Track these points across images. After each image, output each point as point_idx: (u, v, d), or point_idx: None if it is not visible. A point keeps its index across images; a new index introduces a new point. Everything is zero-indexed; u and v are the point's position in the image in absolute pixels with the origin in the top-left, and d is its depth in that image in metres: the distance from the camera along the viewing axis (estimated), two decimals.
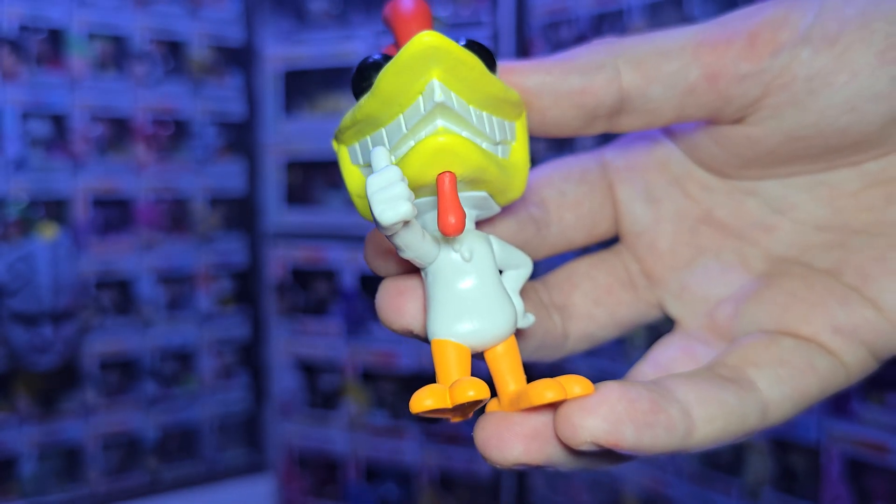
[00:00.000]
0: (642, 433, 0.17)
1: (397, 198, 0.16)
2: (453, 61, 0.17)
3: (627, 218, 0.24)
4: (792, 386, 0.20)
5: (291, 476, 1.25)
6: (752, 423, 0.19)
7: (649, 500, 0.98)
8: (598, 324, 0.24)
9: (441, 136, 0.17)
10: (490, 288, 0.18)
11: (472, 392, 0.16)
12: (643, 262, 0.24)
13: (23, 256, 0.95)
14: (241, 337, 1.26)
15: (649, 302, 0.24)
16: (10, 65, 1.03)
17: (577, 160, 0.25)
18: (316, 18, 1.21)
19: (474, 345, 0.18)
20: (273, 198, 1.23)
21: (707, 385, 0.19)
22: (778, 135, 0.21)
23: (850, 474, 0.77)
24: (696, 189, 0.23)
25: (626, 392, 0.17)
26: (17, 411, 1.06)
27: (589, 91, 0.20)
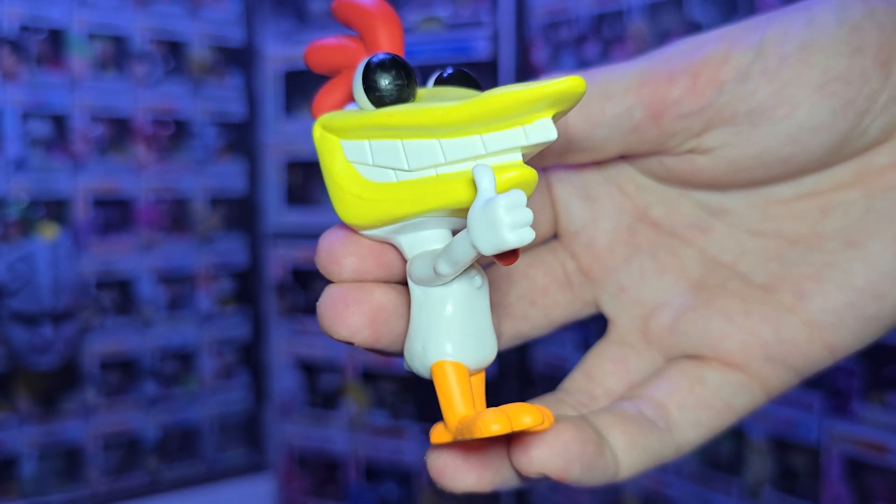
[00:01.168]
0: (585, 472, 0.19)
1: (526, 222, 0.15)
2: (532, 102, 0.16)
3: (565, 216, 0.24)
4: (708, 426, 0.22)
5: (292, 476, 1.25)
6: (667, 457, 0.21)
7: (649, 500, 0.98)
8: (532, 324, 0.24)
9: (526, 168, 0.17)
10: (487, 312, 0.19)
11: (528, 419, 0.17)
12: (580, 259, 0.24)
13: (23, 256, 0.95)
14: (242, 337, 1.26)
15: (585, 300, 0.25)
16: (11, 65, 1.03)
17: None
18: (316, 18, 1.21)
19: (474, 366, 0.19)
20: (273, 198, 1.23)
21: (636, 430, 0.21)
22: (721, 165, 0.21)
23: (850, 474, 0.77)
24: (631, 188, 0.24)
25: (580, 433, 0.19)
26: (17, 411, 1.06)
27: None
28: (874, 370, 0.76)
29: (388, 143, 0.19)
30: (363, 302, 0.20)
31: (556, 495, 1.10)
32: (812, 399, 0.80)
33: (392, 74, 0.19)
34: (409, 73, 0.19)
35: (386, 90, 0.19)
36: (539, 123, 0.17)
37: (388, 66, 0.19)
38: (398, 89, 0.18)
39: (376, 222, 0.19)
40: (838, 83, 0.19)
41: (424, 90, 0.20)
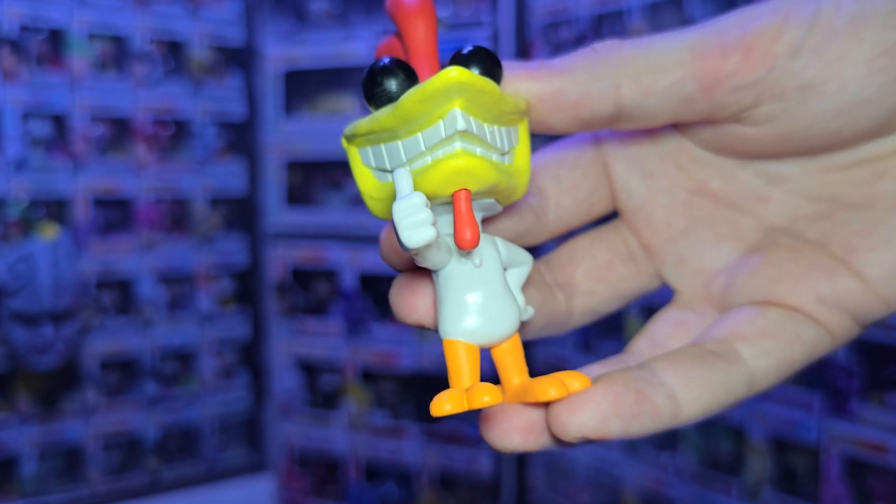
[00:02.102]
0: (628, 424, 0.19)
1: (422, 224, 0.17)
2: (475, 92, 0.18)
3: (623, 194, 0.25)
4: (778, 356, 0.21)
5: (292, 476, 1.25)
6: (739, 393, 0.20)
7: (649, 500, 0.98)
8: (600, 298, 0.25)
9: (459, 159, 0.18)
10: (497, 290, 0.20)
11: (487, 398, 0.18)
12: (641, 235, 0.25)
13: (23, 256, 0.95)
14: (242, 337, 1.26)
15: (649, 273, 0.25)
16: (11, 65, 1.03)
17: (570, 144, 0.26)
18: (316, 19, 1.21)
19: (482, 343, 0.20)
20: (273, 198, 1.24)
21: (692, 365, 0.20)
22: (771, 136, 0.21)
23: (849, 474, 0.77)
24: (688, 162, 0.24)
25: (611, 388, 0.19)
26: (17, 411, 1.06)
27: (585, 104, 0.21)
28: (874, 370, 0.77)
29: (377, 147, 0.20)
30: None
31: (556, 495, 1.10)
32: (812, 399, 0.80)
33: (378, 81, 0.20)
34: (394, 77, 0.20)
35: (375, 96, 0.20)
36: (450, 115, 0.18)
37: (376, 72, 0.20)
38: (386, 95, 0.20)
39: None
40: (887, 57, 0.19)
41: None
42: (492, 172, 0.19)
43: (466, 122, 0.19)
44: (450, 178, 0.18)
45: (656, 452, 0.97)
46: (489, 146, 0.20)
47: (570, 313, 0.25)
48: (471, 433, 1.14)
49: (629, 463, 0.99)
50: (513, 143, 0.21)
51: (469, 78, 0.18)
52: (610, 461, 1.02)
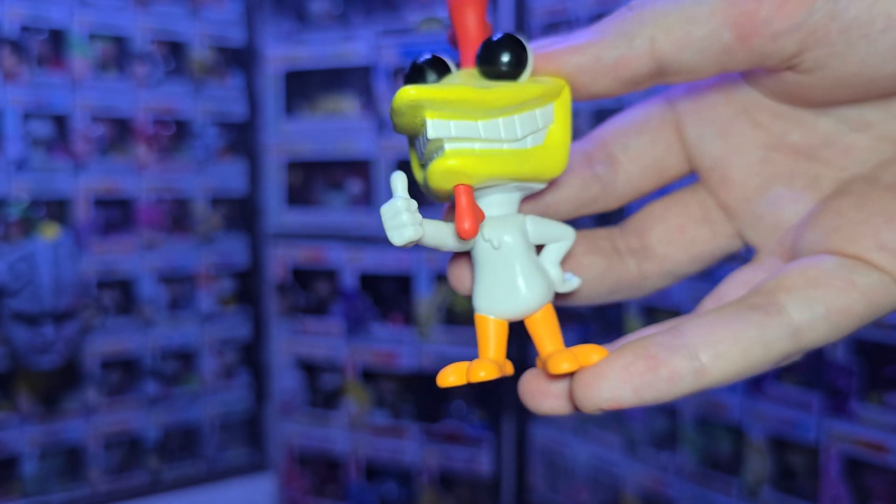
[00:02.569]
0: (642, 391, 0.19)
1: (401, 225, 0.19)
2: (440, 102, 0.19)
3: (697, 155, 0.25)
4: (827, 305, 0.20)
5: (292, 475, 1.25)
6: (779, 347, 0.19)
7: (649, 500, 0.98)
8: (675, 262, 0.25)
9: (450, 159, 0.20)
10: (516, 270, 0.21)
11: (483, 373, 0.20)
12: (717, 195, 0.25)
13: (24, 256, 0.95)
14: (242, 337, 1.26)
15: (728, 234, 0.25)
16: (12, 65, 1.04)
17: (640, 109, 0.26)
18: (317, 19, 1.21)
19: (504, 318, 0.21)
20: (274, 198, 1.24)
21: (722, 322, 0.20)
22: (827, 82, 0.20)
23: (848, 474, 0.78)
24: (765, 117, 0.23)
25: (621, 358, 0.19)
26: (18, 411, 1.07)
27: (624, 65, 0.21)
28: (873, 370, 0.77)
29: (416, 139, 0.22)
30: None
31: (556, 494, 1.11)
32: (811, 399, 0.80)
33: (412, 77, 0.22)
34: (420, 75, 0.22)
35: None
36: (426, 124, 0.20)
37: (409, 71, 0.22)
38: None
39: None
40: None
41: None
42: (493, 165, 0.20)
43: (440, 129, 0.20)
44: (442, 177, 0.20)
45: (656, 452, 0.97)
46: (489, 140, 0.20)
47: (643, 278, 0.25)
48: (470, 433, 1.14)
49: (629, 462, 1.00)
50: (538, 125, 0.21)
51: (422, 94, 0.19)
52: (609, 460, 1.02)
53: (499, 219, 0.22)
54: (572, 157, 0.24)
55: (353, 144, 1.17)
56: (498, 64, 0.21)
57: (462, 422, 1.15)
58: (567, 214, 0.25)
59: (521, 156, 0.21)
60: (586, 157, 0.25)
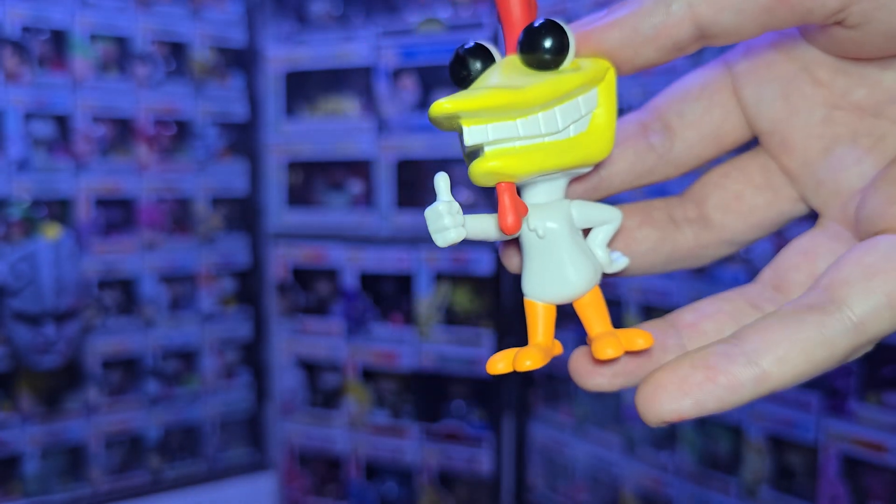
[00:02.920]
0: (703, 402, 0.19)
1: (443, 229, 0.20)
2: (475, 110, 0.19)
3: (756, 117, 0.24)
4: (886, 292, 0.19)
5: (293, 475, 1.26)
6: (844, 344, 0.19)
7: (648, 499, 0.98)
8: (733, 230, 0.25)
9: (490, 161, 0.20)
10: (561, 256, 0.22)
11: (528, 363, 0.20)
12: (778, 159, 0.24)
13: (26, 256, 0.95)
14: (243, 336, 1.26)
15: (791, 199, 0.24)
16: (13, 66, 1.04)
17: (696, 74, 0.25)
18: (317, 20, 1.21)
19: (549, 302, 0.22)
20: (274, 198, 1.24)
21: (781, 325, 0.19)
22: (878, 36, 0.20)
23: (847, 473, 0.78)
24: (827, 74, 0.23)
25: (677, 371, 0.19)
26: (20, 410, 1.07)
27: (664, 33, 0.21)
28: (871, 370, 0.77)
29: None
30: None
31: (555, 494, 1.11)
32: (810, 398, 0.80)
33: (455, 66, 0.22)
34: (462, 66, 0.22)
35: (455, 80, 0.22)
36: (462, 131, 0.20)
37: (452, 60, 0.22)
38: (459, 80, 0.22)
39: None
40: None
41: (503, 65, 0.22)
42: (534, 161, 0.20)
43: (477, 136, 0.20)
44: (483, 177, 0.20)
45: (655, 451, 0.97)
46: (533, 136, 0.21)
47: (701, 247, 0.25)
48: (470, 432, 1.14)
49: (628, 462, 1.00)
50: (581, 112, 0.21)
51: (455, 105, 0.19)
52: (609, 460, 1.02)
53: (543, 206, 0.22)
54: (626, 128, 0.24)
55: (354, 145, 1.17)
56: (539, 52, 0.21)
57: (462, 421, 1.15)
58: (622, 186, 0.25)
59: (564, 146, 0.21)
60: (641, 128, 0.24)
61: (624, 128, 0.24)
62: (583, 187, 0.24)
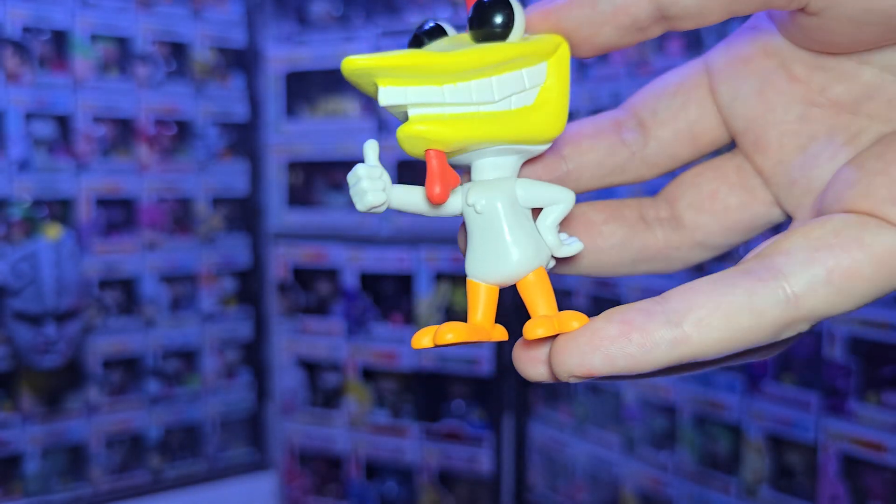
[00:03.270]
0: (614, 358, 0.18)
1: (361, 192, 0.20)
2: (389, 68, 0.19)
3: (731, 116, 0.23)
4: (827, 266, 0.18)
5: (293, 474, 1.26)
6: (773, 315, 0.18)
7: (648, 498, 0.98)
8: (706, 232, 0.24)
9: (415, 125, 0.19)
10: (503, 233, 0.21)
11: (450, 335, 0.20)
12: (753, 159, 0.23)
13: (27, 256, 0.96)
14: (244, 336, 1.26)
15: (765, 202, 0.23)
16: (14, 66, 1.04)
17: (674, 72, 0.25)
18: (317, 20, 1.21)
19: (488, 282, 0.21)
20: (275, 198, 1.24)
21: (709, 286, 0.18)
22: (844, 24, 0.19)
23: (846, 472, 0.78)
24: (804, 71, 0.22)
25: (592, 324, 0.18)
26: (20, 410, 1.07)
27: (623, 10, 0.20)
28: (871, 370, 0.77)
29: None
30: None
31: (555, 493, 1.11)
32: (809, 398, 0.80)
33: (413, 41, 0.22)
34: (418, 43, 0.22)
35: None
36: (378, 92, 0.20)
37: (415, 34, 0.22)
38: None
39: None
40: None
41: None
42: (465, 129, 0.20)
43: (393, 97, 0.20)
44: (408, 142, 0.20)
45: (655, 451, 0.97)
46: (463, 103, 0.20)
47: (672, 248, 0.24)
48: (470, 432, 1.14)
49: (628, 461, 1.00)
50: (524, 85, 0.21)
51: (361, 64, 0.19)
52: (608, 459, 1.03)
53: (486, 183, 0.21)
54: (600, 123, 0.24)
55: (354, 145, 1.17)
56: (480, 25, 0.20)
57: (462, 421, 1.16)
58: (591, 182, 0.24)
59: (503, 117, 0.20)
60: (615, 124, 0.24)
61: (597, 123, 0.24)
62: (547, 177, 0.23)
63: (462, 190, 0.21)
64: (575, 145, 0.23)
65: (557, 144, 0.23)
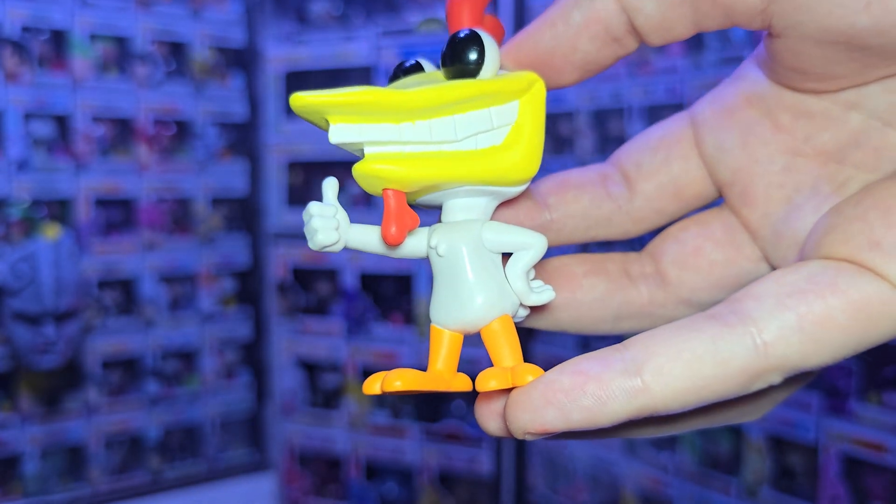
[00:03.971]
0: (569, 413, 0.17)
1: (312, 231, 0.20)
2: (340, 105, 0.18)
3: (716, 169, 0.23)
4: (799, 312, 0.17)
5: (293, 475, 1.26)
6: (740, 364, 0.17)
7: (648, 499, 0.98)
8: (691, 288, 0.23)
9: (370, 163, 0.19)
10: (464, 278, 0.20)
11: (398, 383, 0.19)
12: (739, 213, 0.22)
13: (25, 256, 0.96)
14: (243, 336, 1.26)
15: (752, 257, 0.22)
16: (13, 66, 1.04)
17: (659, 125, 0.24)
18: (317, 20, 1.21)
19: (457, 330, 0.20)
20: (274, 198, 1.24)
21: (670, 333, 0.17)
22: (809, 44, 0.18)
23: (848, 473, 0.78)
24: (789, 119, 0.21)
25: (546, 376, 0.17)
26: (19, 410, 1.07)
27: (593, 19, 0.20)
28: (872, 370, 0.77)
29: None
30: None
31: (555, 494, 1.11)
32: (810, 399, 0.80)
33: (391, 77, 0.21)
34: (396, 80, 0.21)
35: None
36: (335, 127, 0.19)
37: (395, 70, 0.21)
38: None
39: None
40: None
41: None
42: (425, 169, 0.19)
43: (343, 135, 0.19)
44: (364, 181, 0.19)
45: (655, 451, 0.97)
46: (423, 142, 0.19)
47: (657, 306, 0.23)
48: (470, 432, 1.14)
49: (628, 462, 1.00)
50: (499, 122, 0.20)
51: (310, 101, 0.18)
52: (609, 460, 1.02)
53: (451, 225, 0.20)
54: (586, 175, 0.23)
55: None
56: (452, 62, 0.20)
57: (462, 421, 1.15)
58: (575, 234, 0.23)
59: (468, 157, 0.20)
60: (600, 176, 0.23)
61: (584, 174, 0.23)
62: (529, 224, 0.22)
63: (427, 231, 0.20)
64: (560, 194, 0.23)
65: (542, 193, 0.23)
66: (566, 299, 0.22)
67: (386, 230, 0.19)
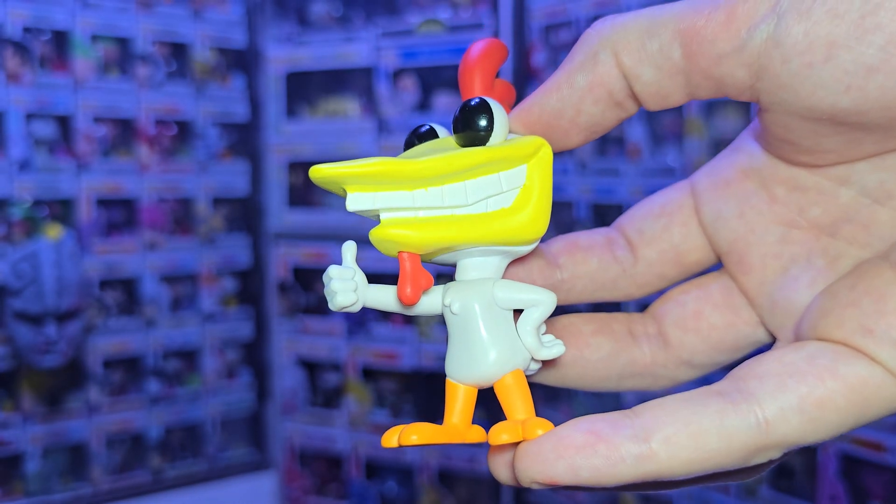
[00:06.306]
0: (578, 469, 0.17)
1: (331, 293, 0.21)
2: (356, 177, 0.19)
3: (715, 237, 0.23)
4: (800, 394, 0.17)
5: (293, 474, 1.26)
6: (743, 439, 0.17)
7: (648, 499, 0.98)
8: (692, 351, 0.24)
9: (386, 228, 0.20)
10: (478, 335, 0.21)
11: (414, 437, 0.20)
12: (737, 279, 0.23)
13: (27, 256, 0.96)
14: (244, 336, 1.26)
15: (751, 322, 0.23)
16: (15, 66, 1.04)
17: (661, 193, 0.25)
18: (318, 21, 1.21)
19: (463, 383, 0.21)
20: (275, 198, 1.24)
21: (679, 405, 0.18)
22: (797, 119, 0.19)
23: (846, 472, 0.78)
24: (784, 191, 0.22)
25: (558, 431, 0.18)
26: (21, 410, 1.07)
27: (596, 83, 0.20)
28: None
29: None
30: None
31: (555, 494, 1.11)
32: None
33: (407, 141, 0.23)
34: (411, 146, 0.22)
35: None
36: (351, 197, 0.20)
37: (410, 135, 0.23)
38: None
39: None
40: (884, 12, 0.16)
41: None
42: (439, 232, 0.20)
43: (360, 203, 0.20)
44: (381, 245, 0.20)
45: None
46: (435, 207, 0.20)
47: (659, 366, 0.24)
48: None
49: None
50: (508, 186, 0.21)
51: (326, 173, 0.19)
52: None
53: (464, 283, 0.21)
54: (593, 238, 0.24)
55: (354, 145, 1.17)
56: (463, 129, 0.21)
57: None
58: (583, 295, 0.24)
59: (479, 220, 0.21)
60: (607, 241, 0.24)
61: (592, 237, 0.24)
62: (542, 283, 0.23)
63: (441, 290, 0.21)
64: (570, 255, 0.24)
65: (553, 252, 0.24)
66: (574, 357, 0.23)
67: (402, 291, 0.20)
